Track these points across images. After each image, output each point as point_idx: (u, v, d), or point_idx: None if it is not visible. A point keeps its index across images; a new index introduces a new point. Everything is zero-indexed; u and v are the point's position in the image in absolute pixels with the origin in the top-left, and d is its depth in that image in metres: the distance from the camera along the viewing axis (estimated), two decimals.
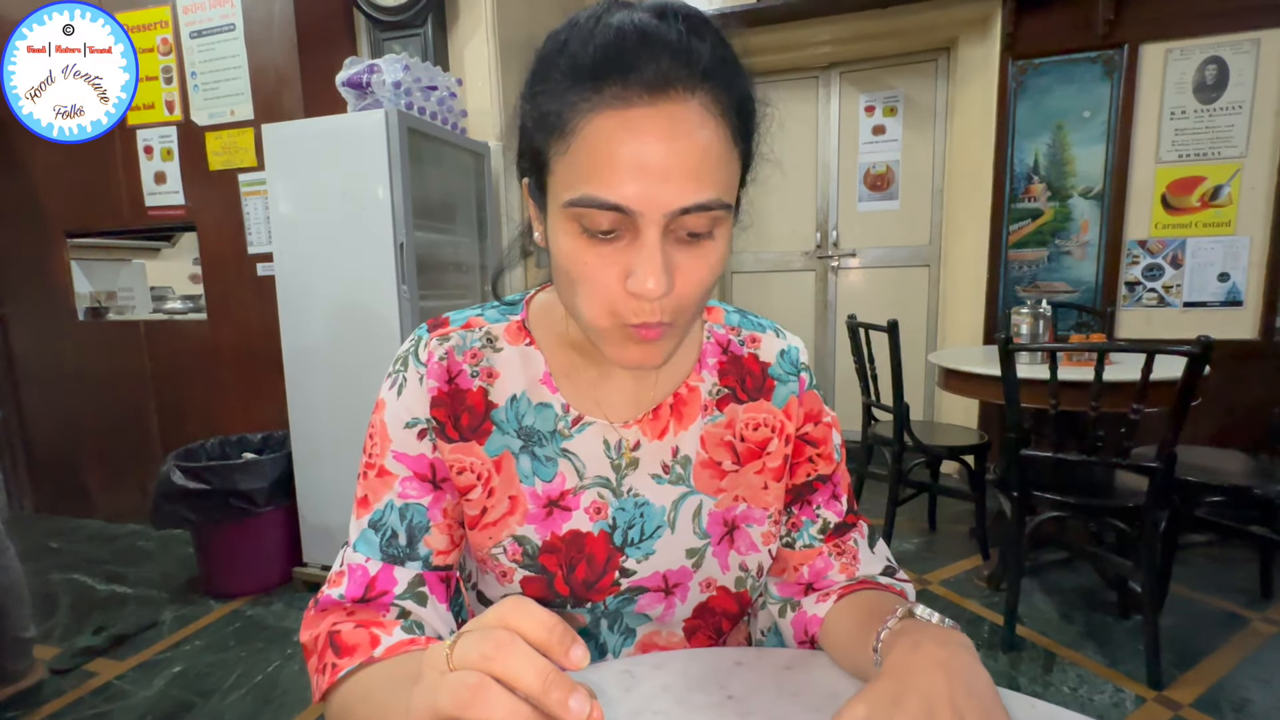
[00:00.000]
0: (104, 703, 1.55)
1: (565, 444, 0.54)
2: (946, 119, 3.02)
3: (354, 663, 0.45)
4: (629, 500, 0.54)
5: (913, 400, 3.06)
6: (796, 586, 0.58)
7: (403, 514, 0.51)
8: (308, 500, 2.06)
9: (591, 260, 0.41)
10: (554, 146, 0.41)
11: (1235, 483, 1.69)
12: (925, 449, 2.15)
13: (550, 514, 0.53)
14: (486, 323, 0.55)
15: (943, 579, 2.09)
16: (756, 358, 0.58)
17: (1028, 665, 1.63)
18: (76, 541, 2.53)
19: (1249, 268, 2.40)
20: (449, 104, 2.15)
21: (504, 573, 0.54)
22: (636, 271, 0.40)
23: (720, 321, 0.59)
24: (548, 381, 0.54)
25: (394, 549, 0.50)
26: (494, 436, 0.53)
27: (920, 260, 3.14)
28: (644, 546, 0.54)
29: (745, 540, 0.57)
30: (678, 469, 0.55)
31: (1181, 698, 1.48)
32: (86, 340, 2.62)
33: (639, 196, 0.38)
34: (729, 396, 0.57)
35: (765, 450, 0.57)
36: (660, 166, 0.38)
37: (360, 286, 1.90)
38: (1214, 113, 2.38)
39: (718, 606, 0.57)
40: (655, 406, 0.55)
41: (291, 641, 1.79)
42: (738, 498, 0.56)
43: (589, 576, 0.54)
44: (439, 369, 0.52)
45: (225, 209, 2.32)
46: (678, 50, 0.38)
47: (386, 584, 0.49)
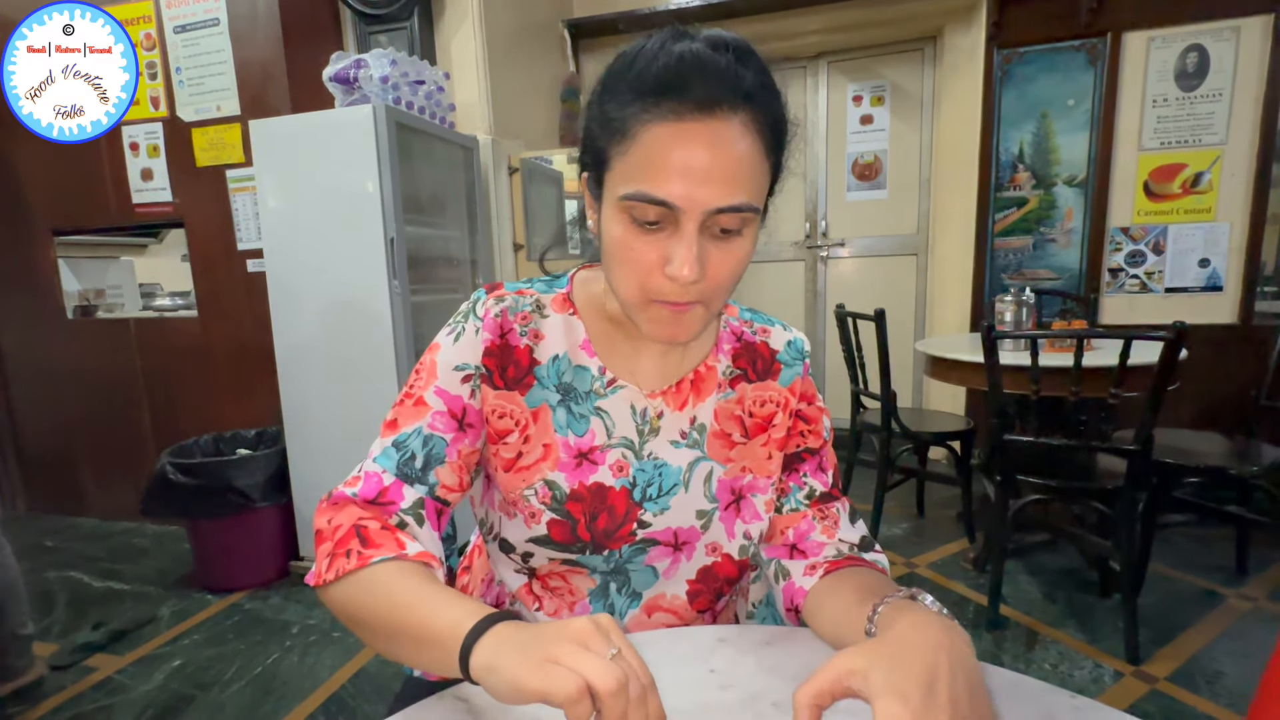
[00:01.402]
0: (105, 697, 1.57)
1: (599, 402, 0.60)
2: (934, 108, 3.04)
3: (384, 554, 0.50)
4: (649, 463, 0.61)
5: (901, 387, 3.10)
6: (782, 549, 0.63)
7: (425, 441, 0.57)
8: (303, 495, 2.08)
9: (637, 246, 0.49)
10: (615, 148, 0.49)
11: (1212, 464, 1.74)
12: (912, 435, 2.19)
13: (579, 465, 0.59)
14: (536, 292, 0.62)
15: (930, 562, 2.13)
16: (767, 345, 0.66)
17: (1011, 644, 1.67)
18: (71, 539, 2.54)
19: (1229, 253, 2.45)
20: (437, 98, 2.15)
21: (533, 514, 0.59)
22: (674, 259, 0.47)
23: (735, 315, 0.68)
24: (586, 347, 0.61)
25: (409, 469, 0.56)
26: (535, 389, 0.59)
27: (908, 249, 3.17)
28: (660, 502, 0.61)
29: (750, 510, 0.63)
30: (694, 435, 0.62)
31: (1158, 672, 1.53)
32: (76, 339, 2.61)
33: (683, 195, 0.46)
34: (740, 377, 0.64)
35: (770, 423, 0.64)
36: (703, 171, 0.45)
37: (351, 282, 1.91)
38: (1195, 100, 2.42)
39: (720, 572, 0.63)
40: (678, 380, 0.62)
41: (291, 633, 1.81)
42: (745, 468, 0.63)
43: (609, 526, 0.60)
44: (494, 324, 0.59)
45: (214, 205, 2.32)
46: (726, 75, 0.46)
47: (395, 495, 0.55)
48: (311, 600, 2.00)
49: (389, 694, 1.53)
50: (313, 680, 1.60)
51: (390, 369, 1.91)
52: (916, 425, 2.24)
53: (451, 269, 2.36)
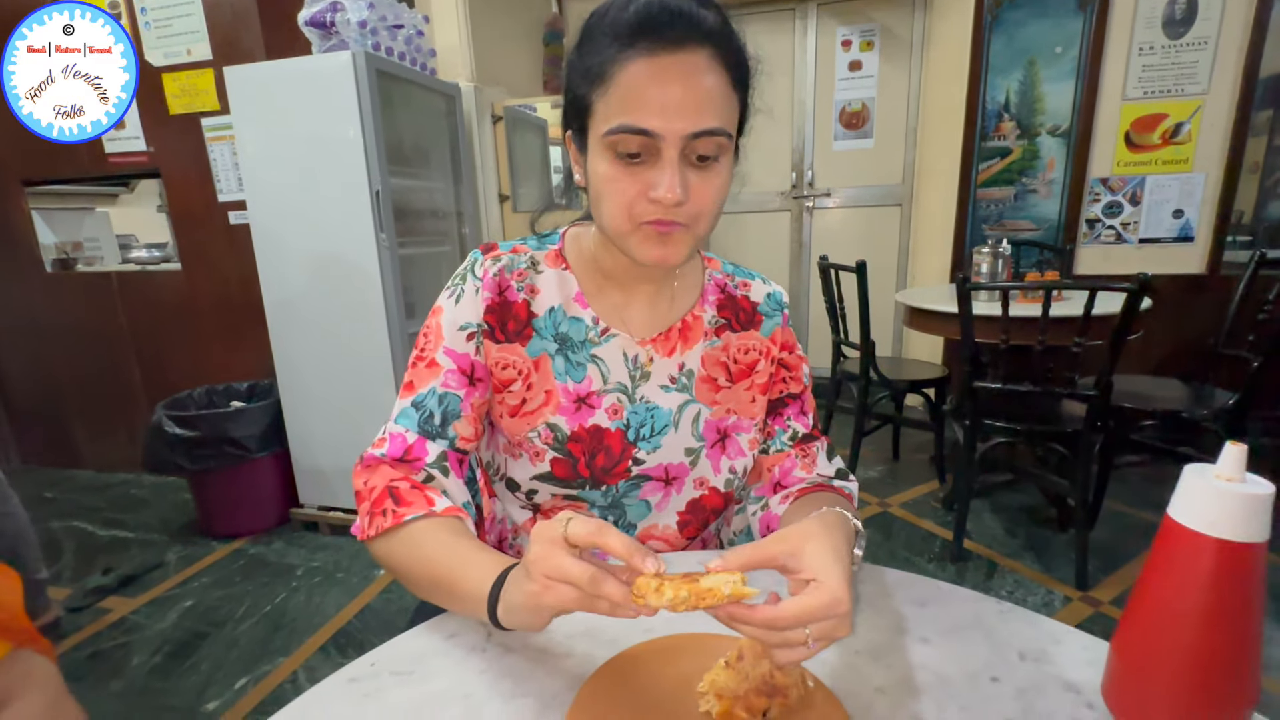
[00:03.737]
0: (122, 635, 1.66)
1: (595, 350, 0.65)
2: (923, 53, 3.00)
3: (416, 512, 0.56)
4: (641, 405, 0.66)
5: (882, 337, 3.18)
6: (768, 487, 0.71)
7: (441, 400, 0.62)
8: (300, 445, 2.13)
9: (622, 178, 0.53)
10: (595, 92, 0.53)
11: (1167, 408, 1.84)
12: (889, 383, 2.27)
13: (579, 409, 0.65)
14: (530, 249, 0.66)
15: (902, 502, 2.26)
16: (748, 298, 0.71)
17: (972, 574, 1.81)
18: (70, 491, 2.59)
19: (1202, 204, 2.50)
20: (416, 43, 2.09)
21: (537, 453, 0.65)
22: (659, 185, 0.52)
23: (718, 269, 0.72)
24: (580, 299, 0.65)
25: (429, 426, 0.61)
26: (534, 340, 0.64)
27: (893, 200, 3.19)
28: (653, 441, 0.66)
29: (735, 447, 0.69)
30: (683, 380, 0.67)
31: (1103, 596, 1.67)
32: (57, 292, 2.59)
33: (661, 123, 0.50)
34: (725, 326, 0.69)
35: (754, 370, 0.70)
36: (678, 100, 0.50)
37: (338, 235, 1.91)
38: (1180, 48, 2.41)
39: (708, 504, 0.70)
40: (668, 328, 0.67)
41: (296, 575, 1.90)
42: (730, 410, 0.69)
43: (606, 464, 0.65)
44: (492, 283, 0.63)
45: (190, 155, 2.27)
46: (690, 16, 0.51)
47: (420, 452, 0.61)
48: (314, 545, 2.08)
49: (394, 629, 1.63)
50: (321, 616, 1.69)
51: (380, 322, 1.94)
52: (894, 374, 2.33)
53: (438, 221, 2.35)
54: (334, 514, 2.14)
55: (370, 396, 1.99)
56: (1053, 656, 0.48)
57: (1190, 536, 0.36)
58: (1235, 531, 0.35)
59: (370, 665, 0.50)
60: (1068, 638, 0.50)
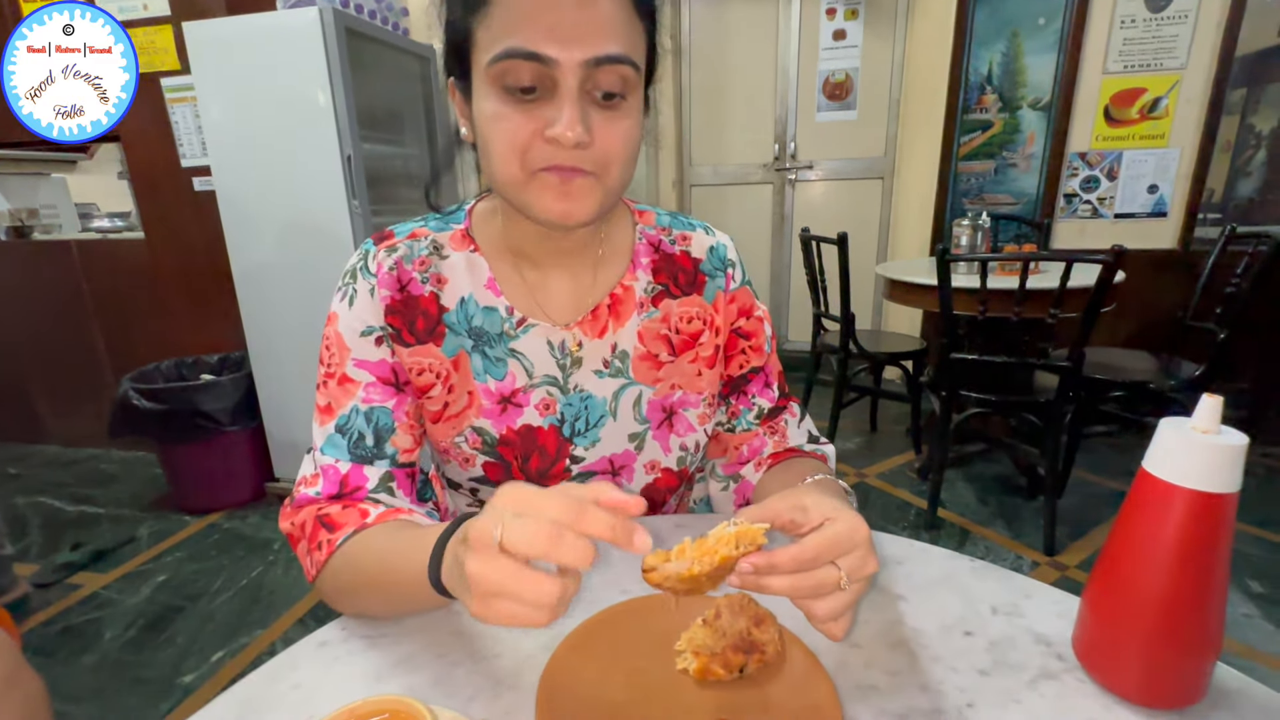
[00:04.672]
0: (94, 610, 1.63)
1: (512, 344, 0.58)
2: (908, 22, 2.96)
3: (348, 531, 0.49)
4: (575, 396, 0.59)
5: (863, 310, 3.20)
6: (737, 465, 0.67)
7: (368, 417, 0.54)
8: (274, 417, 2.09)
9: (513, 117, 0.45)
10: (476, 19, 0.45)
11: (1135, 379, 1.88)
12: (868, 356, 2.29)
13: (504, 410, 0.58)
14: (431, 232, 0.58)
15: (879, 472, 2.30)
16: (689, 254, 0.62)
17: (945, 541, 1.85)
18: (35, 467, 2.52)
19: (1176, 179, 2.53)
20: (388, 1, 2.01)
21: (466, 459, 0.60)
22: (556, 122, 0.44)
23: (651, 223, 0.63)
24: (492, 286, 0.57)
25: (362, 449, 0.54)
26: (449, 338, 0.57)
27: (875, 173, 3.18)
28: (590, 435, 0.60)
29: (683, 423, 0.63)
30: (616, 363, 0.60)
31: (1069, 560, 1.73)
32: (13, 262, 2.48)
33: (556, 49, 0.43)
34: (663, 293, 0.61)
35: (698, 341, 0.62)
36: (572, 21, 0.43)
37: (309, 202, 1.85)
38: (1161, 22, 2.42)
39: (662, 485, 0.65)
40: (594, 307, 0.59)
41: (273, 549, 1.88)
42: (674, 385, 0.62)
43: (542, 465, 0.60)
44: (389, 278, 0.55)
45: (150, 117, 2.16)
46: None
47: (359, 480, 0.53)
48: None
49: None
50: (299, 589, 1.68)
51: None
52: (873, 346, 2.34)
53: (412, 189, 2.28)
54: None
55: None
56: (1024, 610, 0.48)
57: (1164, 488, 0.36)
58: (1209, 482, 0.35)
59: (341, 629, 0.49)
60: (1038, 592, 0.51)
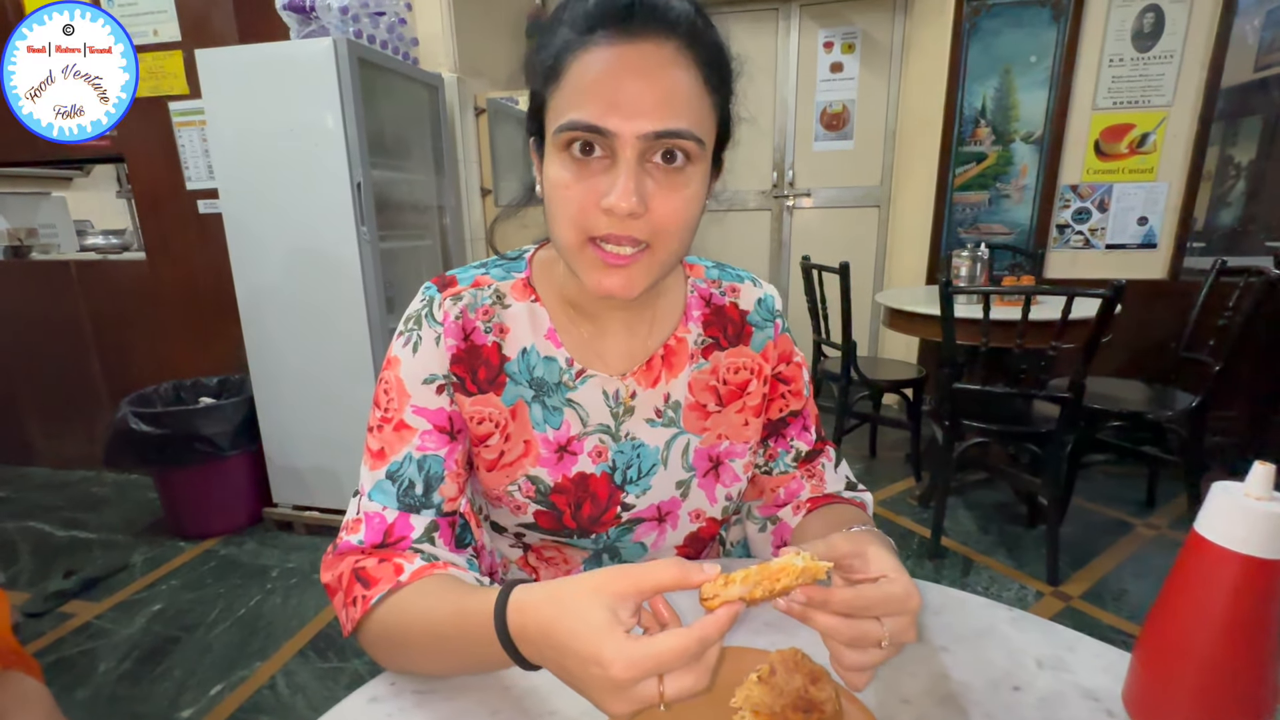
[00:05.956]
0: (87, 641, 1.59)
1: (570, 394, 0.59)
2: (903, 58, 3.05)
3: (383, 590, 0.48)
4: (627, 444, 0.60)
5: (859, 336, 3.23)
6: (774, 507, 0.67)
7: (420, 465, 0.54)
8: (274, 443, 2.07)
9: (574, 185, 0.47)
10: (549, 89, 0.48)
11: (1132, 409, 1.92)
12: (869, 383, 2.31)
13: (561, 459, 0.59)
14: (494, 280, 0.59)
15: (879, 500, 2.30)
16: (737, 306, 0.64)
17: (949, 570, 1.85)
18: (25, 489, 2.47)
19: (1165, 212, 2.60)
20: (398, 31, 2.04)
21: (518, 506, 0.60)
22: (611, 191, 0.45)
23: (701, 276, 0.65)
24: (552, 336, 0.59)
25: (411, 498, 0.54)
26: (509, 387, 0.58)
27: (871, 201, 3.24)
28: (641, 483, 0.61)
29: (729, 474, 0.64)
30: (669, 413, 0.61)
31: (1073, 591, 1.73)
32: (10, 281, 2.46)
33: (616, 120, 0.44)
34: (713, 345, 0.63)
35: (745, 391, 0.63)
36: (635, 94, 0.44)
37: (317, 228, 1.85)
38: (1148, 61, 2.50)
39: (705, 535, 0.66)
40: (649, 358, 0.60)
41: (271, 576, 1.85)
42: (721, 435, 0.63)
43: (594, 512, 0.61)
44: (455, 327, 0.56)
45: (157, 140, 2.17)
46: (656, 4, 0.46)
47: (404, 530, 0.53)
48: (289, 545, 2.03)
49: None
50: (299, 619, 1.65)
51: (361, 318, 1.89)
52: (872, 373, 2.37)
53: (419, 215, 2.30)
54: (309, 514, 2.09)
55: (348, 393, 1.94)
56: (1069, 664, 0.49)
57: (1217, 552, 0.37)
58: (1261, 548, 0.36)
59: (390, 684, 0.49)
60: (1080, 645, 0.51)
